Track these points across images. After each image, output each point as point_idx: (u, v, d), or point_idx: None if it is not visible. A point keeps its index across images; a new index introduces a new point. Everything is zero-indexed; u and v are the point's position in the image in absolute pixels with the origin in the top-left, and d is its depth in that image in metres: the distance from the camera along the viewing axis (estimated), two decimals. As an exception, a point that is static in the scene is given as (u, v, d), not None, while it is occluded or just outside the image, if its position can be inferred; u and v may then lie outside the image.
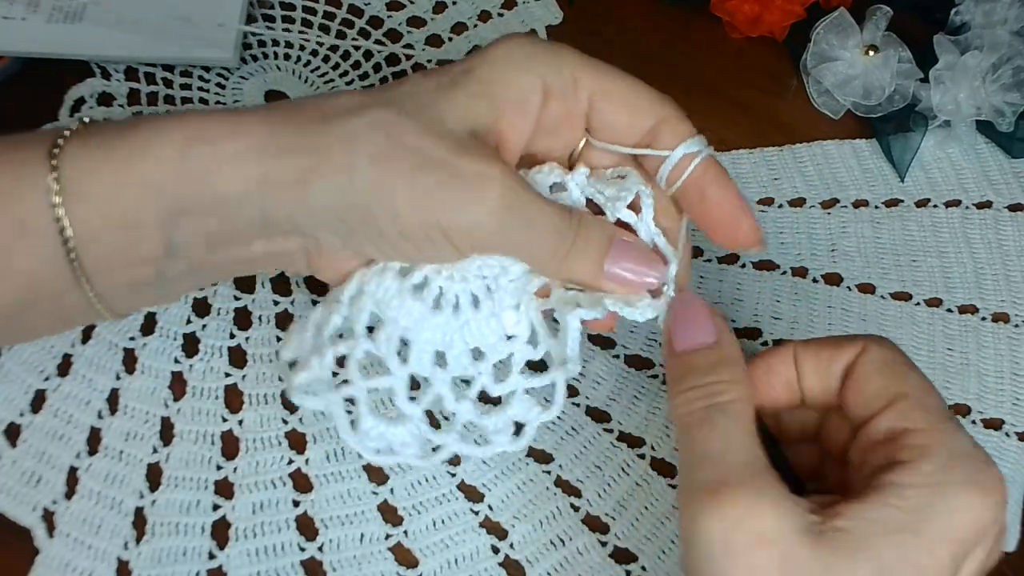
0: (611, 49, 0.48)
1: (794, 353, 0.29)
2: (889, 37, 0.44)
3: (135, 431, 0.35)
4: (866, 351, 0.27)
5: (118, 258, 0.27)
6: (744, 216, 0.30)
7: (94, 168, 0.26)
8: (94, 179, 0.26)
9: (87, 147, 0.27)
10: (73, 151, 0.26)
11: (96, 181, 0.26)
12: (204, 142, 0.26)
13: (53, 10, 0.43)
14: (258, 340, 0.38)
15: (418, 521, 0.34)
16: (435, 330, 0.30)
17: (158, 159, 0.26)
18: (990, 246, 0.43)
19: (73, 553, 0.33)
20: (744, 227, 0.30)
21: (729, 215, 0.30)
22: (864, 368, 0.27)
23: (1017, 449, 0.37)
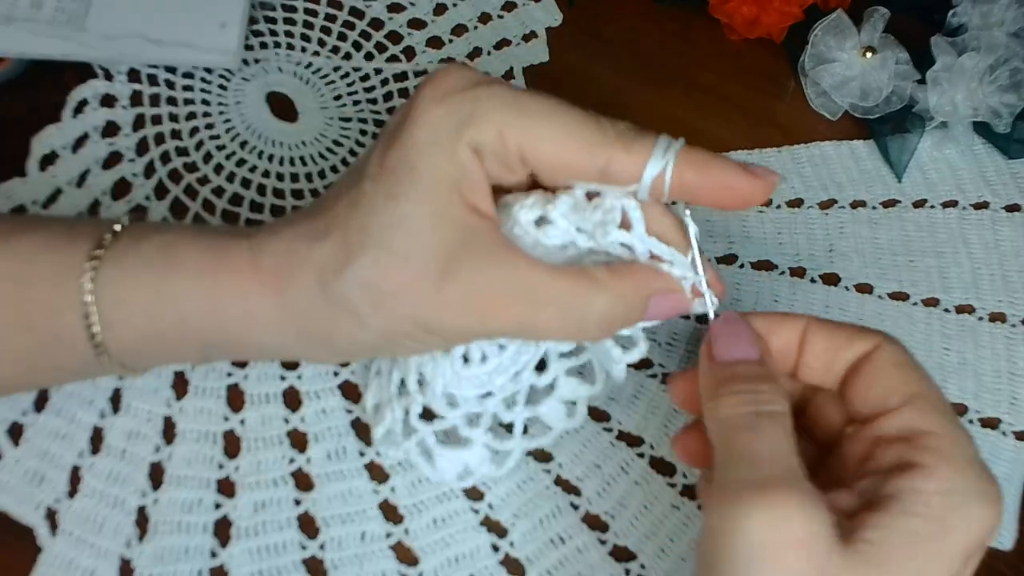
0: (610, 50, 0.48)
1: (805, 326, 0.28)
2: (887, 39, 0.44)
3: (137, 430, 0.35)
4: (882, 347, 0.27)
5: (152, 360, 0.30)
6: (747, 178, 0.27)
7: (131, 297, 0.28)
8: (130, 306, 0.28)
9: (124, 272, 0.28)
10: (110, 272, 0.28)
11: (132, 311, 0.28)
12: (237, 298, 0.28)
13: (56, 12, 0.43)
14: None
15: (419, 519, 0.35)
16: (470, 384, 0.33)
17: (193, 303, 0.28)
18: (987, 246, 0.43)
19: (76, 551, 0.33)
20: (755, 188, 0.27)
21: (721, 180, 0.27)
22: (879, 363, 0.27)
23: (1014, 448, 0.38)
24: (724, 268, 0.41)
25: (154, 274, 0.28)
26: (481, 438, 0.33)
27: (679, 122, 0.46)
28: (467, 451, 0.33)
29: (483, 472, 0.34)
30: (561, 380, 0.34)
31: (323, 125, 0.44)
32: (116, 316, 0.28)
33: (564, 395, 0.34)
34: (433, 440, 0.33)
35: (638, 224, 0.28)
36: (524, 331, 0.28)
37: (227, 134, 0.43)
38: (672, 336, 0.39)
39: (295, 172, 0.43)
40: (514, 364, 0.33)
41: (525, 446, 0.34)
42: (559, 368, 0.34)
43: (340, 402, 0.37)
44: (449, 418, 0.33)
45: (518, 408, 0.34)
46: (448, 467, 0.34)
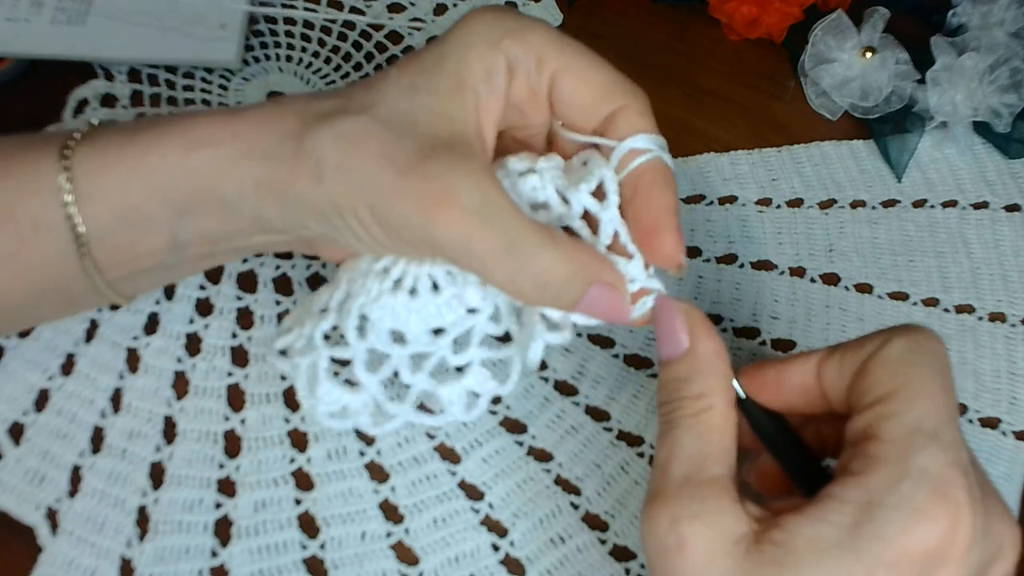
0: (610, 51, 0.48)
1: (817, 362, 0.27)
2: (887, 39, 0.45)
3: (138, 430, 0.36)
4: (885, 344, 0.26)
5: (126, 252, 0.28)
6: (667, 229, 0.28)
7: (104, 168, 0.27)
8: (104, 179, 0.27)
9: (97, 148, 0.28)
10: (84, 151, 0.28)
11: (106, 180, 0.27)
12: (207, 146, 0.27)
13: (57, 12, 0.43)
14: (260, 340, 0.38)
15: (419, 519, 0.35)
16: (388, 309, 0.30)
17: (165, 160, 0.27)
18: (987, 246, 0.43)
19: (76, 551, 0.33)
20: (665, 241, 0.28)
21: (652, 223, 0.28)
22: (871, 362, 0.26)
23: (1014, 448, 0.38)
24: (724, 268, 0.41)
25: (126, 140, 0.28)
26: (374, 388, 0.30)
27: (679, 122, 0.46)
28: (352, 394, 0.30)
29: (359, 422, 0.31)
30: (474, 368, 0.31)
31: (323, 125, 0.44)
32: (90, 189, 0.27)
33: (471, 384, 0.31)
34: (325, 367, 0.30)
35: (612, 196, 0.28)
36: (463, 251, 0.27)
37: (227, 134, 0.43)
38: (672, 336, 0.39)
39: (295, 172, 0.43)
40: (463, 301, 0.30)
41: (411, 419, 0.31)
42: (478, 354, 0.31)
43: (340, 402, 0.37)
44: (354, 347, 0.30)
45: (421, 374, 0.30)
46: (326, 401, 0.31)
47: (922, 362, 0.25)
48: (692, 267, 0.41)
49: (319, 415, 0.30)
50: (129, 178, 0.27)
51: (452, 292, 0.29)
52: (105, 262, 0.28)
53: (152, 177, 0.27)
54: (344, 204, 0.27)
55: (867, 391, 0.25)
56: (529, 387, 0.38)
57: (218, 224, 0.28)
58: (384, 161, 0.26)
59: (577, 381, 0.38)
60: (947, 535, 0.23)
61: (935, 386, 0.25)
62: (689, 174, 0.44)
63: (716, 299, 0.40)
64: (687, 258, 0.41)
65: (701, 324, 0.28)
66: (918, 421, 0.24)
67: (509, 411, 0.37)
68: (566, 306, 0.28)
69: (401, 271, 0.29)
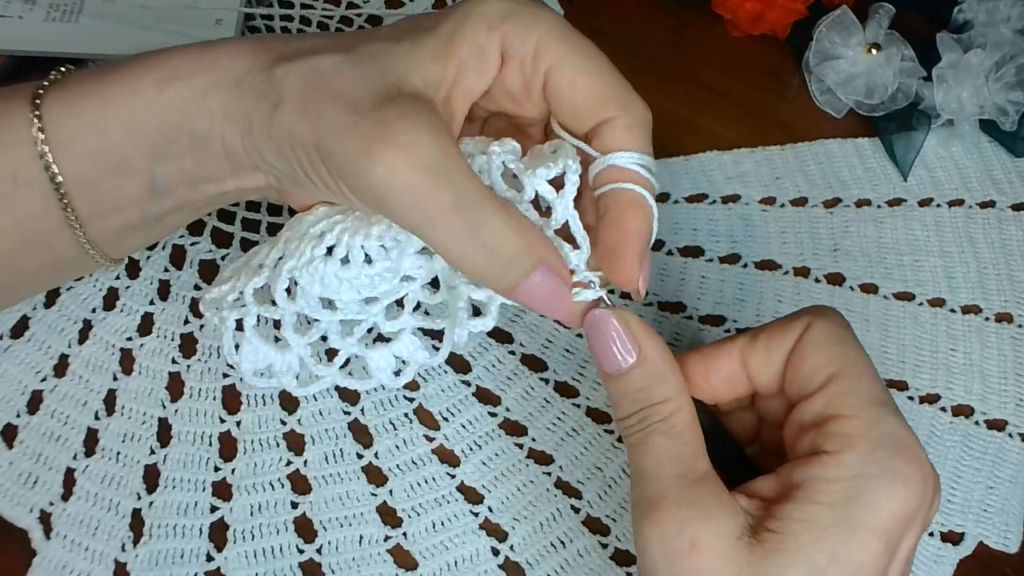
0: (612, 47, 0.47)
1: (740, 349, 0.28)
2: (892, 35, 0.44)
3: (132, 432, 0.35)
4: (809, 328, 0.27)
5: (107, 200, 0.28)
6: (629, 254, 0.27)
7: (76, 112, 0.27)
8: (77, 122, 0.27)
9: (67, 92, 0.27)
10: (54, 97, 0.27)
11: (79, 124, 0.27)
12: (180, 78, 0.27)
13: (50, 8, 0.43)
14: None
15: (417, 523, 0.34)
16: (318, 276, 0.29)
17: (138, 97, 0.27)
18: (993, 246, 0.42)
19: (70, 555, 0.33)
20: (623, 265, 0.27)
21: (615, 245, 0.27)
22: (804, 345, 0.27)
23: (1020, 450, 0.37)
24: (727, 268, 0.41)
25: (99, 81, 0.27)
26: (301, 348, 0.30)
27: (681, 120, 0.45)
28: (279, 354, 0.30)
29: (284, 382, 0.31)
30: (405, 335, 0.31)
31: (321, 123, 0.44)
32: (64, 135, 0.27)
33: (400, 351, 0.31)
34: (253, 324, 0.30)
35: (570, 188, 0.27)
36: (408, 202, 0.25)
37: (224, 132, 0.43)
38: (675, 336, 0.39)
39: (293, 170, 0.42)
40: (397, 272, 0.29)
41: (337, 381, 0.31)
42: (410, 322, 0.31)
43: (337, 404, 0.36)
44: (284, 308, 0.30)
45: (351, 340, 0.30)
46: (251, 358, 0.30)
47: (849, 340, 0.27)
48: (695, 267, 0.41)
49: (243, 372, 0.30)
50: (102, 119, 0.27)
51: (384, 265, 0.29)
52: (87, 213, 0.28)
53: (126, 115, 0.27)
54: (295, 137, 0.26)
55: (810, 374, 0.26)
56: (529, 389, 0.37)
57: (193, 163, 0.28)
58: (343, 99, 0.26)
59: (578, 383, 0.37)
60: (922, 492, 0.24)
61: (866, 360, 0.26)
62: (692, 172, 0.44)
63: (719, 299, 0.40)
64: (690, 259, 0.41)
65: (641, 328, 0.27)
66: (870, 392, 0.25)
67: (509, 413, 0.37)
68: (508, 283, 0.26)
69: (335, 238, 0.29)
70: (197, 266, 0.39)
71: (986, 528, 0.35)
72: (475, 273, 0.27)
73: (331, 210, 0.30)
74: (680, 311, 0.40)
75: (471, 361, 0.38)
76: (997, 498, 0.36)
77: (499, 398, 0.37)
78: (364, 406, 0.36)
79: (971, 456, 0.37)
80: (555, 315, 0.27)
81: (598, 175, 0.28)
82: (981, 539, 0.35)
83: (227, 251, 0.40)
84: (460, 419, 0.36)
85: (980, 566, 0.35)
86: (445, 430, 0.36)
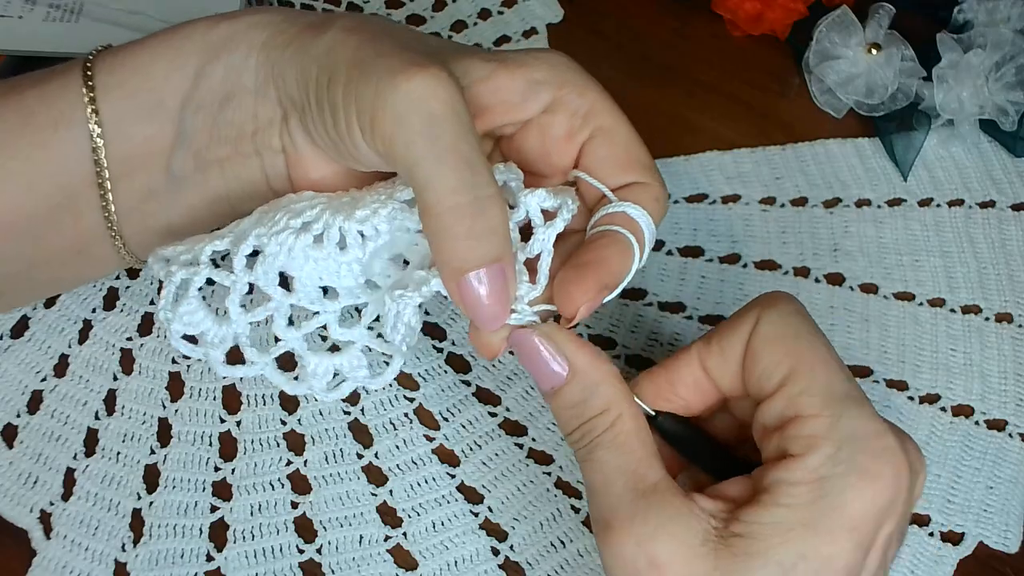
0: (611, 47, 0.47)
1: (698, 355, 0.28)
2: (892, 35, 0.44)
3: (133, 432, 0.35)
4: (759, 324, 0.26)
5: (136, 154, 0.29)
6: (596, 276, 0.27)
7: (125, 58, 0.29)
8: (124, 68, 0.29)
9: (121, 49, 0.30)
10: (108, 53, 0.30)
11: (126, 71, 0.29)
12: (229, 20, 0.29)
13: (50, 9, 0.43)
14: (256, 340, 0.38)
15: (417, 523, 0.34)
16: (285, 248, 0.28)
17: (189, 40, 0.29)
18: (993, 246, 0.42)
19: (70, 555, 0.33)
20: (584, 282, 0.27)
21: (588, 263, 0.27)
22: (754, 342, 0.26)
23: (1020, 450, 0.37)
24: (727, 268, 0.41)
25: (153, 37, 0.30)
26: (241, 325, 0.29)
27: (681, 120, 0.45)
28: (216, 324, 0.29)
29: (210, 356, 0.29)
30: (354, 349, 0.29)
31: (321, 123, 0.44)
32: (111, 80, 0.29)
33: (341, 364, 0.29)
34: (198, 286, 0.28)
35: (559, 222, 0.27)
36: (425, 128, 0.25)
37: (224, 132, 0.43)
38: (675, 336, 0.39)
39: (293, 170, 0.42)
40: (365, 270, 0.28)
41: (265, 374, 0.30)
42: (363, 337, 0.29)
43: (337, 404, 0.36)
44: (236, 276, 0.28)
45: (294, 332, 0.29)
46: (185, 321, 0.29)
47: (802, 330, 0.26)
48: (695, 267, 0.41)
49: (171, 333, 0.28)
50: (149, 63, 0.29)
51: (356, 255, 0.28)
52: (116, 169, 0.29)
53: (173, 56, 0.29)
54: (333, 53, 0.27)
55: (766, 375, 0.26)
56: (529, 389, 0.37)
57: (219, 110, 0.29)
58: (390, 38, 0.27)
59: (578, 383, 0.37)
60: (894, 485, 0.24)
61: (823, 349, 0.26)
62: (692, 172, 0.43)
63: (719, 299, 0.40)
64: (690, 259, 0.41)
65: (569, 341, 0.27)
66: (829, 387, 0.25)
67: (509, 413, 0.37)
68: (461, 263, 0.25)
69: (314, 215, 0.28)
70: (197, 266, 0.39)
71: (986, 528, 0.35)
72: (450, 235, 0.25)
73: (319, 195, 0.29)
74: (680, 311, 0.40)
75: (471, 361, 0.38)
76: (997, 498, 0.36)
77: (499, 398, 0.37)
78: (364, 406, 0.36)
79: (971, 456, 0.37)
80: (483, 320, 0.26)
81: (605, 216, 0.28)
82: (981, 539, 0.35)
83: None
84: (460, 419, 0.36)
85: (980, 566, 0.35)
86: (445, 430, 0.36)
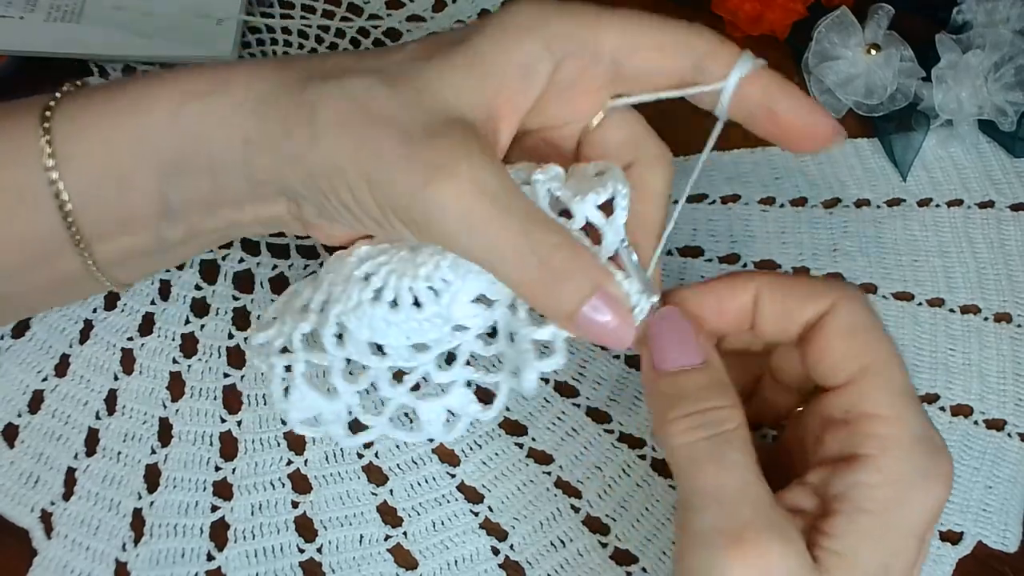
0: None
1: (757, 289, 0.27)
2: (891, 36, 0.44)
3: (133, 432, 0.35)
4: (835, 310, 0.25)
5: (115, 221, 0.27)
6: (821, 115, 0.27)
7: (86, 128, 0.26)
8: (86, 138, 0.26)
9: (78, 107, 0.26)
10: (64, 112, 0.26)
11: (88, 140, 0.26)
12: (195, 99, 0.26)
13: (51, 9, 0.43)
14: (257, 340, 0.37)
15: (418, 522, 0.34)
16: (367, 320, 0.28)
17: (150, 116, 0.26)
18: (992, 246, 0.42)
19: (71, 554, 0.33)
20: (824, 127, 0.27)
21: (808, 122, 0.27)
22: (830, 330, 0.25)
23: (1019, 450, 0.37)
24: (727, 268, 0.41)
25: (113, 95, 0.26)
26: (350, 396, 0.29)
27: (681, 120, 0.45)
28: (328, 402, 0.29)
29: (332, 432, 0.30)
30: (456, 388, 0.30)
31: (321, 123, 0.44)
32: (73, 150, 0.26)
33: (451, 404, 0.30)
34: (302, 372, 0.29)
35: (620, 212, 0.27)
36: (474, 231, 0.24)
37: (224, 132, 0.43)
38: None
39: (293, 170, 0.42)
40: (448, 319, 0.28)
41: (386, 432, 0.30)
42: (462, 374, 0.30)
43: (338, 403, 0.36)
44: (332, 354, 0.29)
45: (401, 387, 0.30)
46: (299, 407, 0.29)
47: (878, 326, 0.26)
48: (694, 267, 0.41)
49: (291, 421, 0.29)
50: (114, 136, 0.26)
51: (434, 310, 0.28)
52: (93, 233, 0.27)
53: (139, 133, 0.26)
54: (337, 167, 0.25)
55: (839, 365, 0.25)
56: (529, 388, 0.37)
57: (208, 185, 0.26)
58: (387, 126, 0.24)
59: (578, 383, 0.37)
60: (947, 484, 0.24)
61: (895, 349, 0.25)
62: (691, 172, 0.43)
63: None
64: (689, 259, 0.41)
65: (710, 337, 0.27)
66: (902, 387, 0.25)
67: (509, 413, 0.37)
68: (568, 308, 0.25)
69: (383, 280, 0.28)
70: (198, 266, 0.39)
71: (985, 528, 0.35)
72: (541, 297, 0.25)
73: (373, 249, 0.29)
74: (680, 311, 0.40)
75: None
76: (996, 498, 0.36)
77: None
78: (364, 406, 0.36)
79: (970, 456, 0.37)
80: (617, 342, 0.26)
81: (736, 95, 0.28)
82: (980, 539, 0.35)
83: (227, 251, 0.40)
84: (460, 419, 0.36)
85: (979, 566, 0.35)
86: (445, 430, 0.36)
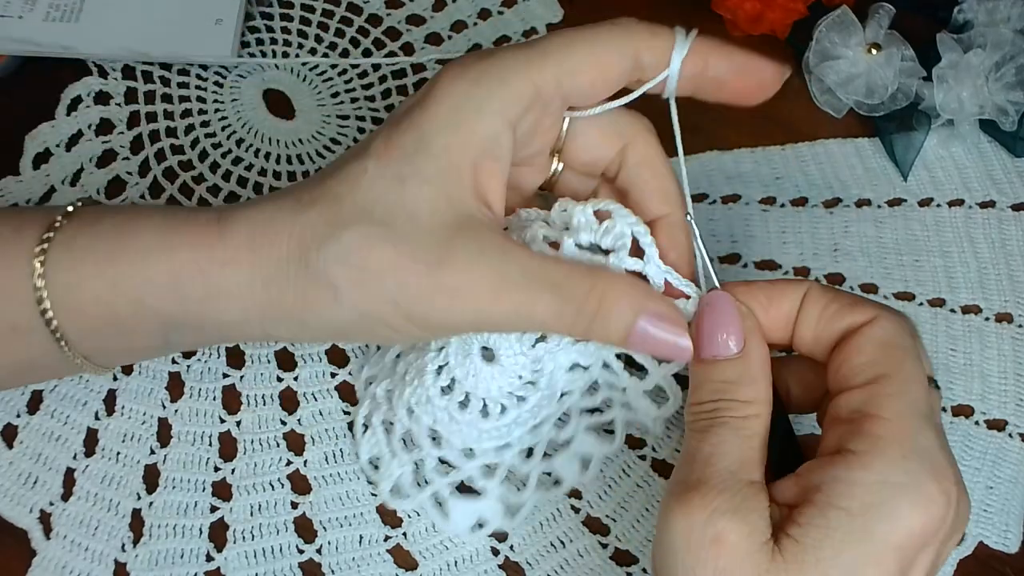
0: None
1: (805, 292, 0.27)
2: (892, 35, 0.44)
3: (132, 432, 0.35)
4: (877, 321, 0.26)
5: (115, 348, 0.28)
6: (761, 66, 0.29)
7: (82, 283, 0.26)
8: (83, 294, 0.26)
9: (75, 257, 0.26)
10: (60, 258, 0.26)
11: (85, 296, 0.26)
12: (199, 274, 0.26)
13: (50, 8, 0.43)
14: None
15: (417, 523, 0.34)
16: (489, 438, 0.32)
17: (151, 284, 0.26)
18: (993, 246, 0.42)
19: (70, 555, 0.33)
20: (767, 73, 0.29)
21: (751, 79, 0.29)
22: (865, 338, 0.26)
23: (1020, 450, 0.37)
24: (727, 268, 0.41)
25: (105, 254, 0.26)
26: (495, 490, 0.33)
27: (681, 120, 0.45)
28: (481, 502, 0.33)
29: (496, 524, 0.33)
30: (580, 436, 0.33)
31: (320, 123, 0.44)
32: (69, 300, 0.26)
33: (580, 450, 0.33)
34: (448, 492, 0.33)
35: (651, 250, 0.28)
36: (520, 320, 0.27)
37: (223, 132, 0.43)
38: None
39: (292, 170, 0.42)
40: (533, 417, 0.32)
41: (538, 498, 0.33)
42: (579, 423, 0.33)
43: (337, 404, 0.36)
44: (464, 469, 0.32)
45: (534, 461, 0.33)
46: (462, 519, 0.33)
47: (911, 347, 0.26)
48: (694, 267, 0.41)
49: (462, 533, 0.33)
50: (111, 297, 0.26)
51: (515, 414, 0.31)
52: (92, 353, 0.28)
53: (137, 297, 0.26)
54: (371, 315, 0.26)
55: (859, 368, 0.25)
56: (529, 389, 0.37)
57: (218, 337, 0.29)
58: (403, 265, 0.25)
59: (578, 383, 0.37)
60: (941, 515, 0.23)
61: (922, 373, 0.25)
62: (691, 172, 0.43)
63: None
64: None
65: (756, 329, 0.27)
66: (916, 403, 0.25)
67: (509, 413, 0.37)
68: (616, 338, 0.27)
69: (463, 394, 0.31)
70: (197, 266, 0.39)
71: (986, 528, 0.35)
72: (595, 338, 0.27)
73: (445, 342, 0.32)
74: (680, 311, 0.40)
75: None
76: (997, 498, 0.36)
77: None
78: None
79: (971, 456, 0.37)
80: (680, 353, 0.27)
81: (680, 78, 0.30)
82: (981, 539, 0.35)
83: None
84: (460, 419, 0.36)
85: (980, 566, 0.35)
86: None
